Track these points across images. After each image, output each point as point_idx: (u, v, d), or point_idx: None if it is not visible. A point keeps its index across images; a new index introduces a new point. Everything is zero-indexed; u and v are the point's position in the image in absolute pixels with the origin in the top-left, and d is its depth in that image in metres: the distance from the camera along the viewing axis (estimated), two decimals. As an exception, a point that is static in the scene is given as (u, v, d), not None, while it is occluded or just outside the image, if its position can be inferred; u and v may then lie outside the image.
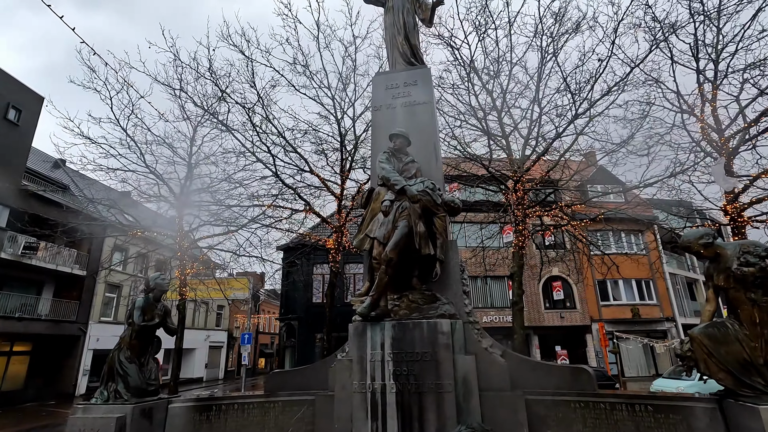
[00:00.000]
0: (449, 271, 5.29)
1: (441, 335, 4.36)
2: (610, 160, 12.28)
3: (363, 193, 5.67)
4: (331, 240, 13.13)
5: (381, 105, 6.53)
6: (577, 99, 10.88)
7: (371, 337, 4.48)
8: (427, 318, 4.55)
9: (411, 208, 4.89)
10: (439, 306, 4.68)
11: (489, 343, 5.29)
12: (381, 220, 4.93)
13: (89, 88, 13.34)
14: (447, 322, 4.43)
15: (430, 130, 6.20)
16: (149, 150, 14.34)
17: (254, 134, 12.55)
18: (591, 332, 26.21)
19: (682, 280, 30.52)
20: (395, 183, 5.04)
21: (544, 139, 12.33)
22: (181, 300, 13.82)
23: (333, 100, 13.31)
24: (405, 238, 4.70)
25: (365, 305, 4.53)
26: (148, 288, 5.52)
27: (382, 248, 4.70)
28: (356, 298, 5.13)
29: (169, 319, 5.63)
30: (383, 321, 4.56)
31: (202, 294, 18.13)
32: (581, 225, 12.90)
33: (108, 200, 13.62)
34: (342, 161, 13.67)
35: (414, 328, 4.45)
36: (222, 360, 42.79)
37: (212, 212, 15.17)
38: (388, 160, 5.39)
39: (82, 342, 26.06)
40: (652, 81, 11.46)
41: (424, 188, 5.13)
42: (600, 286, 27.18)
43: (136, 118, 13.71)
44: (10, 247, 22.74)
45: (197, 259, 14.62)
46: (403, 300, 4.84)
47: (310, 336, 24.91)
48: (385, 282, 4.57)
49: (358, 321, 4.68)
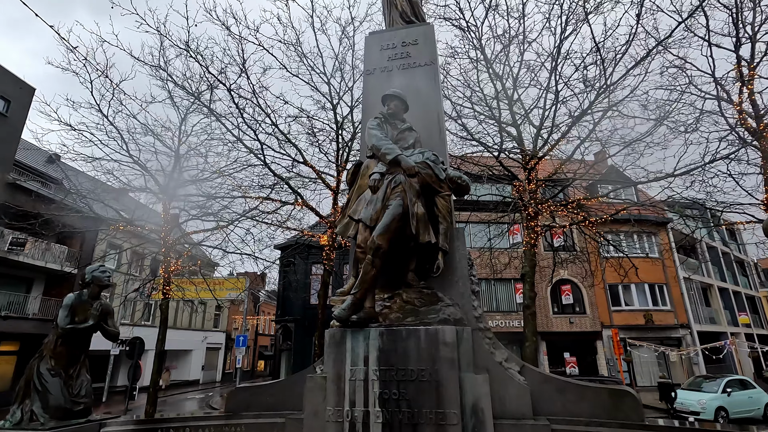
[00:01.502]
0: (454, 265, 4.23)
1: (444, 347, 3.28)
2: (631, 151, 11.16)
3: (349, 169, 4.62)
4: (325, 236, 12.07)
5: (375, 68, 5.48)
6: (600, 76, 9.74)
7: (352, 348, 3.41)
8: (426, 324, 3.48)
9: (407, 183, 3.83)
10: (441, 308, 3.60)
11: (504, 355, 4.21)
12: (368, 199, 3.87)
13: (67, 70, 12.40)
14: (452, 330, 3.35)
15: (433, 96, 5.14)
16: (132, 139, 13.37)
17: (239, 118, 11.54)
18: (602, 339, 24.95)
19: (696, 285, 29.19)
20: (387, 152, 3.98)
21: (558, 128, 11.22)
22: (164, 299, 12.79)
23: (329, 85, 12.30)
24: (398, 221, 3.65)
25: (344, 306, 3.47)
26: (83, 282, 4.50)
27: (369, 233, 3.65)
28: (337, 297, 4.07)
29: (110, 320, 4.59)
30: (368, 327, 3.49)
31: (192, 294, 17.12)
32: (596, 223, 11.77)
33: (86, 190, 12.65)
34: (338, 151, 12.62)
35: (408, 337, 3.37)
36: (220, 362, 41.80)
37: (201, 206, 14.18)
38: (380, 126, 4.33)
39: (71, 342, 25.15)
40: (678, 63, 10.33)
41: (423, 159, 4.08)
42: (611, 291, 25.94)
43: (119, 104, 12.73)
44: (-4, 243, 21.90)
45: (181, 255, 13.58)
46: (395, 300, 3.77)
47: (308, 339, 23.84)
48: (372, 276, 3.51)
49: (336, 327, 3.62)
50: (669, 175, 9.18)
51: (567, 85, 10.22)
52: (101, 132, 12.40)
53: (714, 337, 27.14)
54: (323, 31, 20.34)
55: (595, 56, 9.60)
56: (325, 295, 12.55)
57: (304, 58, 11.83)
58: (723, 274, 32.73)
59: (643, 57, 9.53)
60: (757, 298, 37.19)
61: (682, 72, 10.39)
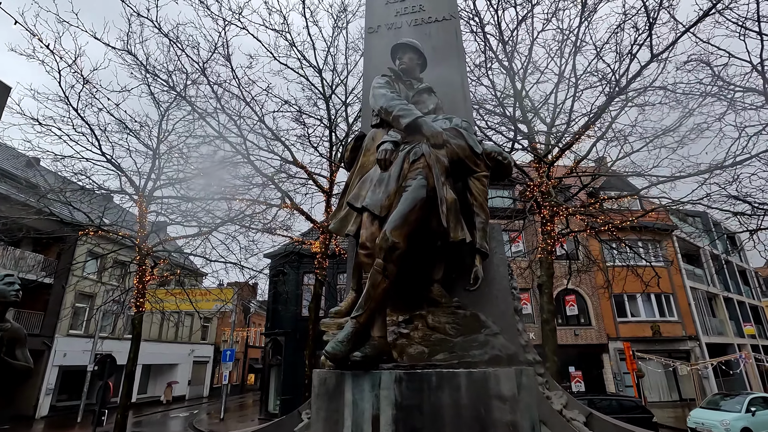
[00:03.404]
0: (491, 275, 3.06)
1: (499, 404, 2.09)
2: (653, 147, 10.15)
3: (348, 144, 3.45)
4: (317, 242, 10.85)
5: (379, 25, 4.36)
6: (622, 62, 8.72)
7: (353, 401, 2.21)
8: (468, 364, 2.28)
9: (431, 157, 2.67)
10: (487, 339, 2.40)
11: (562, 399, 3.04)
12: (375, 179, 2.70)
13: (32, 58, 11.18)
14: (509, 376, 2.16)
15: (455, 57, 4.02)
16: (105, 136, 12.15)
17: (220, 110, 10.34)
18: (608, 352, 23.80)
19: (702, 295, 28.27)
20: (402, 113, 2.82)
21: (576, 123, 10.18)
22: (137, 313, 11.47)
23: (320, 77, 11.17)
24: (420, 209, 2.48)
25: (342, 337, 2.27)
26: (-21, 298, 3.27)
27: (378, 227, 2.48)
28: (330, 319, 2.87)
29: (19, 350, 3.35)
30: (378, 370, 2.30)
31: (171, 306, 15.73)
32: (615, 229, 10.69)
33: (56, 190, 11.34)
34: (331, 149, 11.46)
35: (441, 385, 2.18)
36: (207, 376, 39.96)
37: (181, 210, 12.93)
38: (389, 84, 3.18)
39: (46, 357, 23.52)
40: (702, 53, 9.34)
41: (452, 126, 2.93)
42: (617, 301, 24.84)
43: (90, 96, 11.51)
44: (-37, 251, 20.41)
45: (157, 264, 12.26)
46: (415, 325, 2.57)
47: (299, 353, 22.32)
48: (383, 290, 2.33)
49: (329, 367, 2.42)
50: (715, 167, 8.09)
51: (591, 72, 9.14)
52: (68, 126, 11.16)
53: (721, 349, 26.16)
54: (314, 21, 19.29)
55: (618, 38, 8.58)
56: (317, 308, 11.30)
57: (293, 47, 10.72)
58: (727, 284, 31.88)
59: (672, 42, 8.52)
60: (760, 308, 36.37)
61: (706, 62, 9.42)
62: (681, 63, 9.37)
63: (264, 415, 22.37)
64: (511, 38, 9.47)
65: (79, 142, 12.30)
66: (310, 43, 10.59)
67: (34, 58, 11.22)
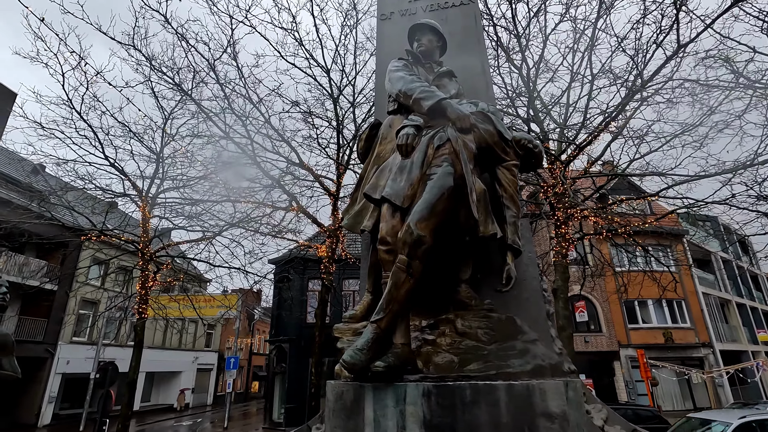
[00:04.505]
0: (523, 275, 2.77)
1: (547, 423, 1.79)
2: (671, 147, 9.84)
3: (361, 134, 3.18)
4: (324, 246, 10.57)
5: (392, 12, 4.11)
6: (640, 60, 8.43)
7: (375, 419, 1.92)
8: (507, 376, 1.98)
9: (458, 142, 2.39)
10: (526, 347, 2.10)
11: (602, 413, 2.73)
12: (396, 167, 2.42)
13: (36, 60, 11.06)
14: (557, 389, 1.86)
15: (475, 43, 3.76)
16: (109, 141, 11.98)
17: (228, 109, 10.13)
18: (620, 359, 23.25)
19: (714, 301, 27.66)
20: (424, 95, 2.55)
21: (590, 122, 9.89)
22: (139, 319, 11.21)
23: (329, 77, 10.96)
24: (448, 198, 2.20)
25: (360, 344, 1.98)
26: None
27: (399, 219, 2.20)
28: (345, 324, 2.59)
29: (5, 358, 3.08)
30: (403, 382, 2.00)
31: (174, 312, 15.47)
32: (632, 233, 10.35)
33: (54, 194, 11.17)
34: (338, 151, 11.22)
35: (476, 400, 1.88)
36: (211, 384, 39.56)
37: (186, 214, 12.71)
38: (407, 67, 2.91)
39: (49, 365, 23.31)
40: (721, 49, 9.03)
41: (479, 110, 2.66)
42: (627, 307, 24.32)
43: (93, 98, 11.36)
44: (-34, 257, 20.31)
45: (160, 269, 12.01)
46: (442, 331, 2.27)
47: (304, 361, 22.01)
48: (407, 291, 2.04)
49: (345, 379, 2.13)
50: (742, 166, 7.74)
51: (610, 70, 8.85)
52: (71, 129, 11.01)
53: (735, 357, 25.53)
54: (324, 19, 19.14)
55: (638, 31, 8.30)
56: (323, 314, 10.99)
57: (301, 46, 10.54)
58: (739, 289, 31.24)
59: (694, 36, 8.24)
60: (773, 314, 35.57)
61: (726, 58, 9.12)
62: (699, 59, 9.10)
63: (268, 424, 21.99)
64: (523, 35, 9.23)
65: (81, 145, 12.16)
66: (319, 42, 10.41)
67: (38, 61, 11.13)
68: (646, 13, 8.49)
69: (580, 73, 9.87)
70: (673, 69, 9.17)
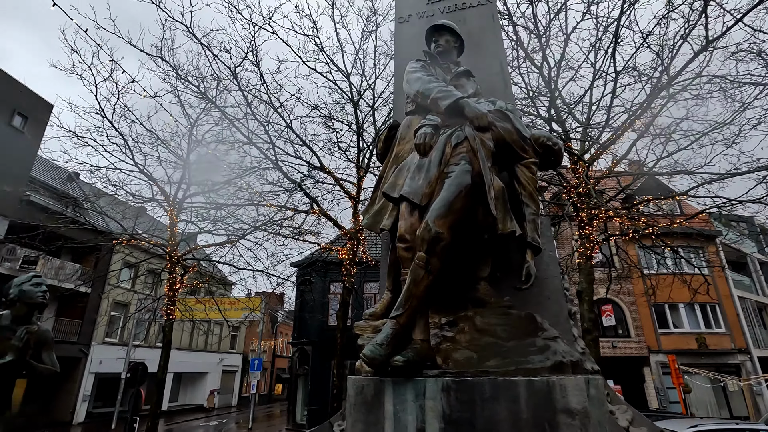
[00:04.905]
0: (544, 274, 2.76)
1: (567, 419, 1.78)
2: (698, 146, 9.52)
3: (380, 134, 3.23)
4: (345, 249, 10.68)
5: (410, 14, 4.16)
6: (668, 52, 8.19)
7: (395, 414, 1.95)
8: (527, 372, 1.98)
9: (476, 140, 2.40)
10: (547, 344, 2.09)
11: (627, 414, 2.67)
12: (414, 166, 2.46)
13: (72, 72, 11.62)
14: (578, 386, 1.84)
15: (493, 42, 3.77)
16: (138, 146, 12.45)
17: (250, 115, 10.39)
18: (650, 365, 22.48)
19: (751, 305, 26.44)
20: (441, 95, 2.58)
21: (615, 121, 9.67)
22: (167, 321, 11.55)
23: (348, 81, 11.10)
24: (466, 196, 2.22)
25: (380, 339, 2.02)
26: (6, 299, 3.20)
27: (417, 217, 2.23)
28: (365, 322, 2.63)
29: (46, 353, 3.26)
30: (422, 377, 2.03)
31: (200, 314, 15.87)
32: (659, 235, 10.03)
33: (87, 200, 11.66)
34: (359, 154, 11.33)
35: (495, 396, 1.89)
36: (236, 385, 40.29)
37: (210, 218, 13.05)
38: (425, 68, 2.95)
39: (83, 364, 24.23)
40: (753, 43, 8.68)
41: (497, 108, 2.67)
42: (657, 311, 23.51)
43: (124, 108, 11.83)
44: (8, 261, 21.31)
45: (187, 271, 12.36)
46: (461, 328, 2.29)
47: (326, 363, 22.19)
48: (425, 287, 2.07)
49: (366, 373, 2.17)
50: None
51: (634, 68, 8.65)
52: (103, 137, 11.50)
53: (773, 363, 24.30)
54: (344, 24, 19.38)
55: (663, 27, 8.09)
56: (345, 316, 11.07)
57: (322, 52, 10.72)
58: (777, 293, 29.75)
59: (725, 30, 7.97)
60: (814, 320, 33.69)
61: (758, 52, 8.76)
62: (729, 54, 8.80)
63: (291, 426, 22.20)
64: (544, 34, 9.12)
65: (113, 153, 12.67)
66: (339, 47, 10.57)
67: (73, 73, 11.68)
68: (672, 8, 8.28)
69: (603, 70, 9.67)
70: (702, 64, 8.90)
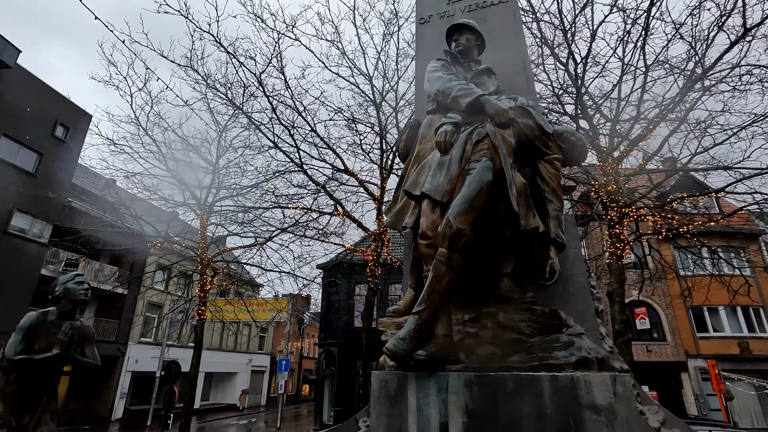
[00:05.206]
0: (569, 271, 2.73)
1: (593, 415, 1.77)
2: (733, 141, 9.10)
3: (402, 134, 3.27)
4: (369, 250, 10.76)
5: (430, 15, 4.19)
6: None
7: (418, 407, 1.98)
8: (551, 367, 1.97)
9: (497, 137, 2.41)
10: (571, 340, 2.07)
11: (659, 416, 2.61)
12: (435, 163, 2.48)
13: (109, 84, 12.21)
14: (603, 382, 1.82)
15: (515, 39, 3.75)
16: (171, 152, 12.94)
17: (275, 119, 10.65)
18: (688, 370, 21.52)
19: (799, 308, 24.87)
20: (462, 93, 2.60)
21: (645, 117, 9.36)
22: (198, 321, 11.93)
23: (371, 84, 11.21)
24: (487, 192, 2.23)
25: (403, 334, 2.06)
26: (52, 296, 3.41)
27: (439, 214, 2.25)
28: (388, 318, 2.67)
29: (88, 347, 3.45)
30: (445, 371, 2.05)
31: (230, 315, 16.30)
32: (695, 234, 9.62)
33: (123, 205, 12.21)
34: (382, 155, 11.41)
35: (519, 391, 1.89)
36: (264, 385, 41.03)
37: (238, 221, 13.41)
38: (445, 67, 2.97)
39: (120, 363, 25.24)
40: None
41: (518, 105, 2.66)
42: (695, 314, 22.48)
43: (157, 116, 12.33)
44: (52, 264, 22.47)
45: (217, 273, 12.74)
46: (484, 324, 2.29)
47: (352, 364, 22.32)
48: (447, 283, 2.09)
49: (389, 368, 2.20)
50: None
51: (666, 61, 8.37)
52: (138, 144, 12.03)
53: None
54: (366, 29, 19.53)
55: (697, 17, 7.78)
56: (370, 317, 11.14)
57: (344, 56, 10.87)
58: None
59: (760, 21, 7.61)
60: None
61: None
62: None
63: (318, 426, 22.43)
64: (569, 29, 8.94)
65: (147, 159, 13.22)
66: (361, 50, 10.70)
67: (110, 84, 12.27)
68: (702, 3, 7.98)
69: (632, 64, 9.39)
70: (739, 54, 8.52)
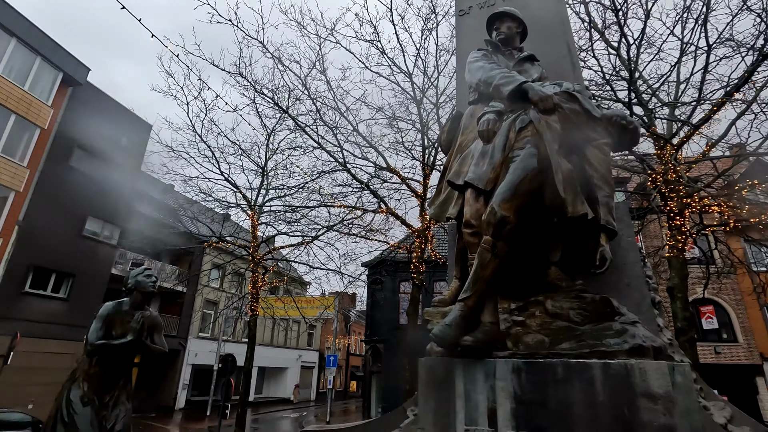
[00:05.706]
0: (622, 260, 2.63)
1: (648, 403, 1.71)
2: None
3: (444, 126, 3.28)
4: (413, 246, 10.78)
5: (470, 6, 4.16)
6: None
7: (465, 392, 2.00)
8: (603, 355, 1.92)
9: (542, 123, 2.37)
10: (625, 328, 2.00)
11: (725, 412, 2.46)
12: (477, 153, 2.48)
13: (168, 94, 13.09)
14: (660, 371, 1.76)
15: (558, 23, 3.64)
16: (224, 158, 13.65)
17: (319, 121, 10.95)
18: (764, 374, 19.73)
19: None
20: (504, 81, 2.57)
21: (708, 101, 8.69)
22: (251, 316, 12.51)
23: (411, 81, 11.22)
24: (531, 180, 2.20)
25: (449, 320, 2.09)
26: (125, 288, 3.75)
27: (483, 202, 2.26)
28: (434, 308, 2.70)
29: (157, 335, 3.76)
30: (493, 358, 2.06)
31: (280, 312, 16.94)
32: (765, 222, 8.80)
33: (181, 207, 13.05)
34: (424, 152, 11.40)
35: (569, 377, 1.86)
36: (314, 381, 42.19)
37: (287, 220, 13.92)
38: (486, 57, 2.95)
39: (181, 356, 26.90)
40: None
41: (563, 90, 2.60)
42: (770, 313, 20.55)
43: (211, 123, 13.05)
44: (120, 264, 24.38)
45: (267, 270, 13.29)
46: (532, 312, 2.27)
47: (398, 360, 22.47)
48: (492, 270, 2.10)
49: (436, 354, 2.24)
50: None
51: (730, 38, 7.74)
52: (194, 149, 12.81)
53: None
54: (405, 26, 19.56)
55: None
56: (415, 314, 11.17)
57: (384, 55, 10.97)
58: None
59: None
60: None
61: None
62: None
63: (367, 421, 22.77)
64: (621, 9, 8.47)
65: (202, 163, 14.03)
66: (400, 48, 10.77)
67: (169, 95, 13.14)
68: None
69: (692, 43, 8.75)
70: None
